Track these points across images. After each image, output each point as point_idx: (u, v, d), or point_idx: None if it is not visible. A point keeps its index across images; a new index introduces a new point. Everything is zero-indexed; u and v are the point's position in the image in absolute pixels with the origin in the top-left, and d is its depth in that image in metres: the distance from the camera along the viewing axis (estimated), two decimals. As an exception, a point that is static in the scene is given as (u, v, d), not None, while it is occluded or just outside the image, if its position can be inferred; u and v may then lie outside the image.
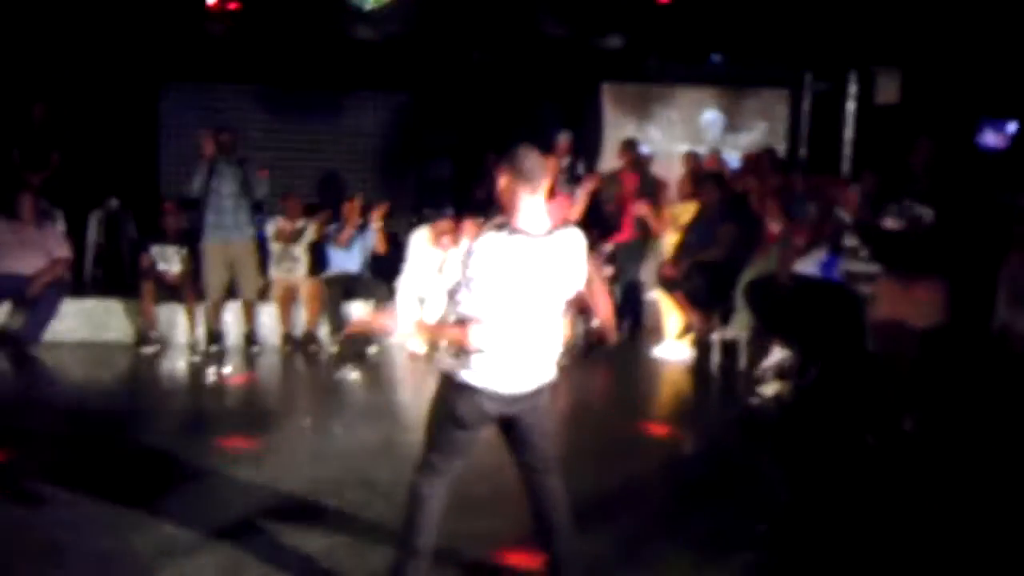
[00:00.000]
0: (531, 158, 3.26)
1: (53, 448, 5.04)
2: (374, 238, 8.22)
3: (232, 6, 8.73)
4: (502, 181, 3.26)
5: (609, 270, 8.59)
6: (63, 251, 7.66)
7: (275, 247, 8.11)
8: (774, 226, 7.13)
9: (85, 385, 6.81)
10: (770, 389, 6.62)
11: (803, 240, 6.72)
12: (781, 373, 6.79)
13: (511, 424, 3.39)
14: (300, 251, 8.15)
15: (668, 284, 7.85)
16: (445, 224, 7.99)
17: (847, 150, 9.56)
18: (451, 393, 3.29)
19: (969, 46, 8.11)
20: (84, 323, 7.82)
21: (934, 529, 4.35)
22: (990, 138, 8.90)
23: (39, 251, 7.47)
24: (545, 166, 3.36)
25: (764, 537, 4.16)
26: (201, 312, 7.75)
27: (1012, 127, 8.82)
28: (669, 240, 8.11)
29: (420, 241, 8.06)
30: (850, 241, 6.04)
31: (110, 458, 4.90)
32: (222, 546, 3.81)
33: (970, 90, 8.49)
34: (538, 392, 3.37)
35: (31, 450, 4.96)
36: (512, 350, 3.24)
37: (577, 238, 3.41)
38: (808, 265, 6.64)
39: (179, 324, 7.82)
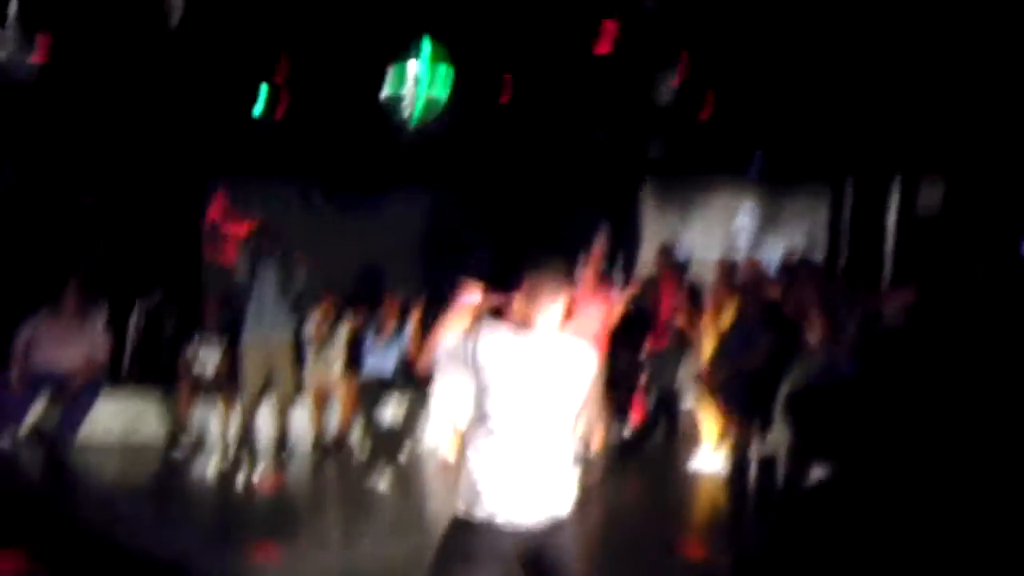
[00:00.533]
0: (549, 269, 3.28)
1: (78, 556, 5.00)
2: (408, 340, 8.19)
3: (278, 115, 8.93)
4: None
5: (644, 378, 8.51)
6: (101, 352, 7.63)
7: (311, 348, 8.13)
8: (813, 336, 7.02)
9: (114, 487, 6.81)
10: (806, 503, 6.44)
11: (840, 349, 6.61)
12: (819, 486, 6.60)
13: (533, 562, 3.21)
14: (337, 351, 8.14)
15: (706, 392, 7.73)
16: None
17: (888, 260, 9.45)
18: (457, 531, 3.16)
19: (1016, 152, 8.05)
20: (119, 416, 7.84)
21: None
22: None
23: (80, 348, 7.49)
24: (559, 287, 3.30)
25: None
26: (235, 411, 7.73)
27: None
28: (708, 346, 8.01)
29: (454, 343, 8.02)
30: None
31: (135, 566, 4.84)
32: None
33: (1016, 197, 8.40)
34: (557, 527, 3.19)
35: (55, 556, 4.92)
36: (517, 468, 3.12)
37: (588, 350, 3.34)
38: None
39: (212, 425, 7.82)
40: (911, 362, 5.59)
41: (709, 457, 7.73)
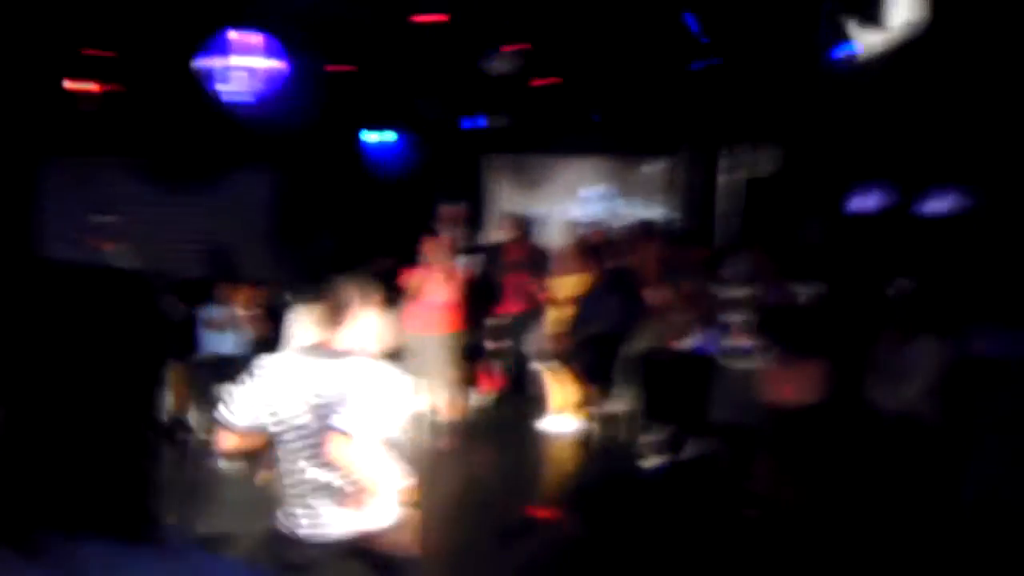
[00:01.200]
0: (341, 290, 3.17)
1: None
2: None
3: (95, 89, 8.49)
4: None
5: (494, 344, 8.53)
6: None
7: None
8: (653, 298, 7.18)
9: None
10: (650, 463, 6.60)
11: (680, 314, 6.77)
12: (660, 448, 6.77)
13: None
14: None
15: (552, 357, 7.81)
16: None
17: (719, 223, 9.76)
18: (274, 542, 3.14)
19: (836, 117, 8.39)
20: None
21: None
22: (864, 202, 9.14)
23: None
24: (347, 303, 3.17)
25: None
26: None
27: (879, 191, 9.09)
28: (552, 313, 8.09)
29: (301, 319, 7.84)
30: (726, 317, 6.10)
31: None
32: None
33: (842, 156, 8.76)
34: (338, 547, 3.07)
35: None
36: (305, 487, 3.05)
37: (383, 373, 3.15)
38: (690, 340, 6.68)
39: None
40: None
41: (558, 420, 7.83)
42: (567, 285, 8.02)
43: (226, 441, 3.10)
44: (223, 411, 3.06)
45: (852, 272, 6.12)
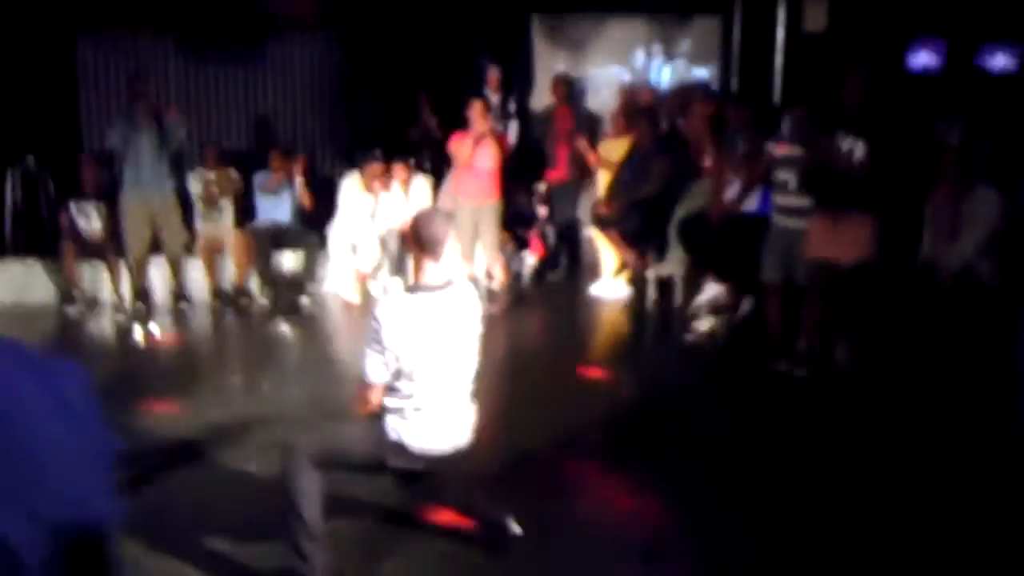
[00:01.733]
0: (432, 225, 3.30)
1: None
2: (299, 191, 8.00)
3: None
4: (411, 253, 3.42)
5: (544, 210, 8.53)
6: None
7: (199, 203, 7.86)
8: (707, 160, 7.08)
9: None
10: (704, 325, 6.63)
11: (734, 174, 6.67)
12: (715, 309, 6.79)
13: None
14: (225, 202, 7.91)
15: (602, 222, 7.79)
16: (375, 168, 7.82)
17: (777, 80, 9.47)
18: (382, 438, 3.27)
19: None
20: (6, 286, 7.59)
21: (867, 458, 4.39)
22: (922, 59, 8.84)
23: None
24: (447, 230, 3.35)
25: (701, 476, 4.17)
26: (124, 270, 7.55)
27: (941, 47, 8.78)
28: (604, 177, 8.03)
29: (351, 187, 7.90)
30: (780, 175, 5.99)
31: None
32: (139, 511, 3.70)
33: (899, 12, 8.43)
34: (456, 456, 3.40)
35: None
36: (430, 409, 3.27)
37: (472, 292, 3.48)
38: (742, 200, 6.61)
39: (103, 283, 7.62)
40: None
41: (609, 285, 7.87)
42: (617, 148, 7.93)
43: (373, 397, 3.29)
44: (365, 372, 3.24)
45: (906, 126, 5.94)
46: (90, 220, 7.55)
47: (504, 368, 5.92)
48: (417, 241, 3.30)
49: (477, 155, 7.48)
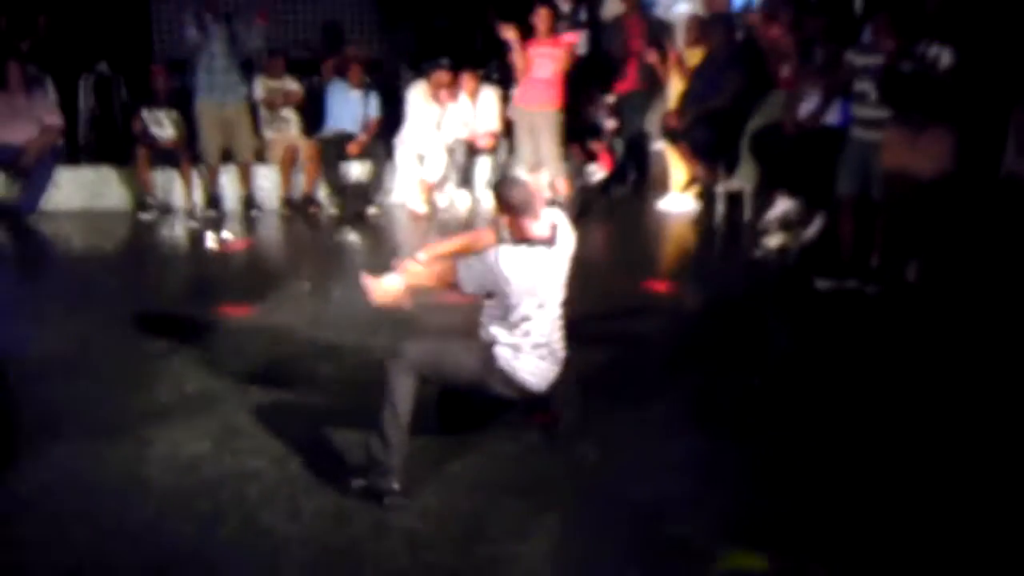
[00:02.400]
0: (517, 190, 3.38)
1: (54, 317, 5.02)
2: (376, 104, 7.95)
3: None
4: (503, 218, 3.40)
5: (612, 122, 8.39)
6: (54, 119, 7.49)
7: (264, 111, 7.88)
8: (784, 71, 6.87)
9: (85, 254, 6.79)
10: (774, 241, 6.51)
11: (812, 85, 6.47)
12: (785, 224, 6.66)
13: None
14: (289, 111, 7.92)
15: (673, 135, 7.65)
16: (442, 77, 7.75)
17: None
18: (491, 366, 3.35)
19: None
20: (80, 191, 7.75)
21: (934, 376, 4.32)
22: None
23: (30, 120, 7.31)
24: (534, 191, 3.44)
25: (759, 390, 4.14)
26: (197, 177, 7.65)
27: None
28: (675, 89, 7.85)
29: (418, 97, 7.85)
30: (860, 86, 5.79)
31: (109, 326, 4.87)
32: (218, 412, 3.82)
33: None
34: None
35: (31, 320, 4.94)
36: (545, 345, 3.40)
37: (571, 235, 3.64)
38: (819, 111, 6.41)
39: (176, 190, 7.74)
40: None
41: (678, 199, 7.76)
42: (689, 59, 7.73)
43: (451, 295, 3.45)
44: (459, 278, 3.33)
45: (994, 32, 5.66)
46: (163, 127, 7.64)
47: (568, 281, 5.90)
48: (510, 209, 3.36)
49: (538, 64, 7.37)
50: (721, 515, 3.09)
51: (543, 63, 7.36)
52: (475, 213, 7.84)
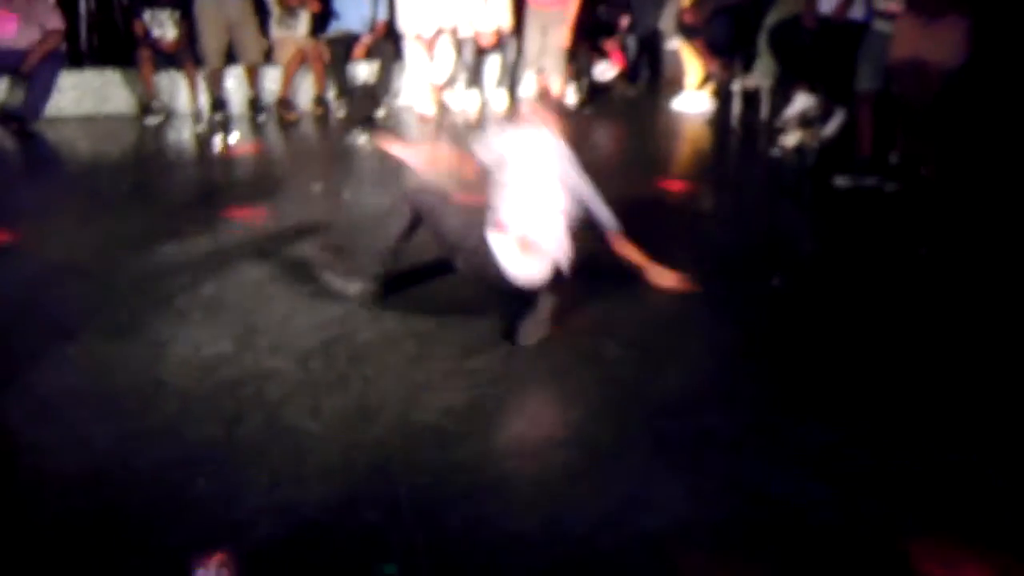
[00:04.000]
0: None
1: (60, 225, 4.97)
2: (384, 4, 7.70)
3: None
4: None
5: (625, 19, 8.17)
6: (56, 22, 7.28)
7: (276, 8, 7.66)
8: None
9: (91, 160, 6.70)
10: (792, 139, 6.40)
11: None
12: (804, 121, 6.54)
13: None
14: (299, 12, 7.70)
15: (688, 31, 7.46)
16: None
17: None
18: (475, 230, 3.56)
19: None
20: (84, 96, 7.62)
21: (951, 275, 4.27)
22: None
23: (31, 23, 7.12)
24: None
25: (779, 290, 4.10)
26: (202, 79, 7.50)
27: None
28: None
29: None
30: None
31: (120, 231, 4.82)
32: (235, 313, 3.79)
33: None
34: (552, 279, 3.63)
35: (38, 228, 4.90)
36: (518, 228, 3.52)
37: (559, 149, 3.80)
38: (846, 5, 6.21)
39: (181, 93, 7.60)
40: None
41: (694, 98, 7.61)
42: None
43: (467, 164, 3.77)
44: (473, 145, 3.75)
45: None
46: (164, 28, 7.43)
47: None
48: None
49: None
50: (746, 408, 3.08)
51: None
52: (485, 114, 7.71)
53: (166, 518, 2.50)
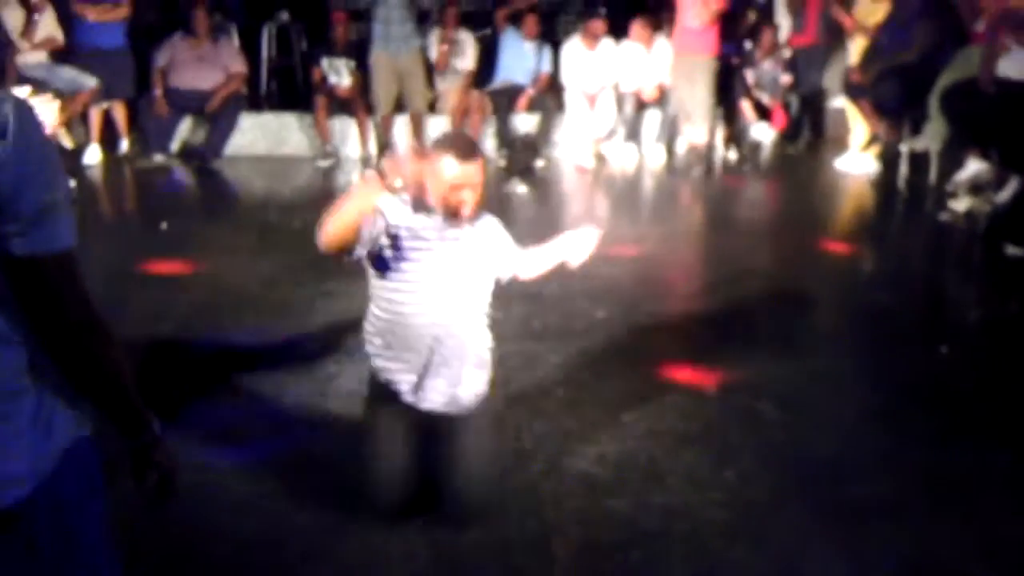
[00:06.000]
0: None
1: (234, 258, 5.25)
2: (548, 57, 7.91)
3: None
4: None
5: (788, 77, 8.07)
6: (239, 66, 7.80)
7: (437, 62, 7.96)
8: (979, 24, 6.45)
9: (264, 197, 7.06)
10: (962, 204, 6.16)
11: (1013, 38, 6.05)
12: (976, 187, 6.29)
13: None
14: (463, 62, 7.96)
15: (855, 91, 7.32)
16: (597, 27, 7.68)
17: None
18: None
19: None
20: (262, 137, 8.06)
21: None
22: None
23: (216, 66, 7.64)
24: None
25: (945, 359, 3.94)
26: (372, 126, 7.83)
27: None
28: (858, 42, 7.49)
29: (574, 49, 7.78)
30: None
31: (291, 265, 5.03)
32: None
33: None
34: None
35: (214, 260, 5.18)
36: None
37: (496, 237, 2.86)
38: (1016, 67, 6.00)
39: (351, 137, 7.94)
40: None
41: (857, 158, 7.44)
42: (875, 11, 7.34)
43: None
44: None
45: None
46: (341, 75, 7.82)
47: (741, 239, 5.78)
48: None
49: (686, 11, 7.15)
50: (905, 477, 2.97)
51: (694, 9, 7.12)
52: (642, 168, 7.74)
53: (320, 545, 2.60)
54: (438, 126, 7.91)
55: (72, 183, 4.98)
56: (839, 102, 7.82)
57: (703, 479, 2.96)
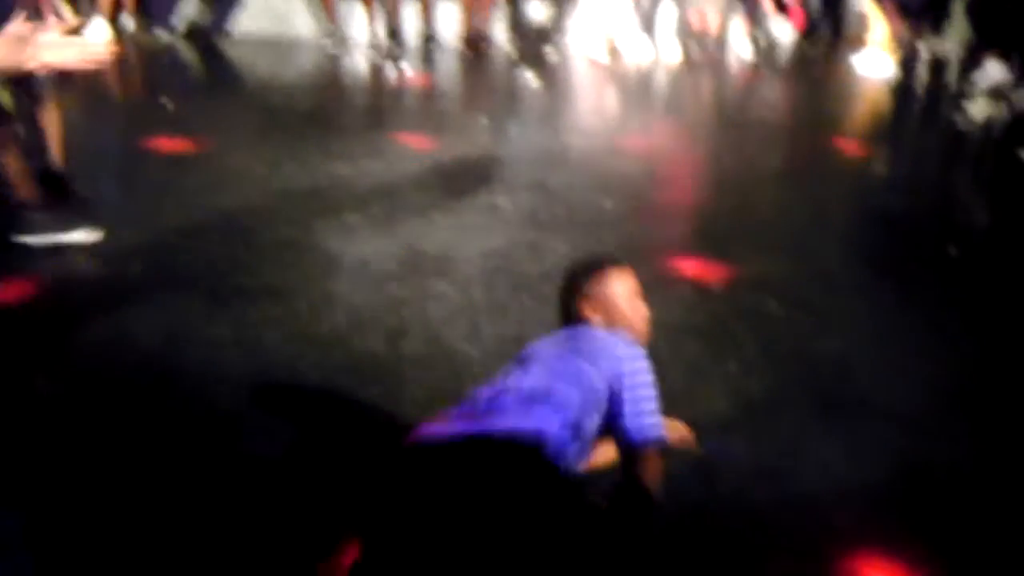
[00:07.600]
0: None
1: (237, 138, 5.18)
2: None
3: None
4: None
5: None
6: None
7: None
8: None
9: (269, 79, 6.92)
10: (980, 109, 6.05)
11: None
12: (994, 93, 6.17)
13: None
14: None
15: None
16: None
17: None
18: None
19: None
20: (269, 17, 7.86)
21: None
22: None
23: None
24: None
25: (954, 261, 3.92)
26: (379, 9, 7.63)
27: None
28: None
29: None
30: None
31: (295, 149, 4.98)
32: (401, 234, 3.88)
33: None
34: None
35: (217, 139, 5.11)
36: None
37: None
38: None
39: (359, 20, 7.76)
40: None
41: (875, 58, 7.27)
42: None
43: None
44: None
45: None
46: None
47: (753, 136, 5.70)
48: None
49: None
50: (908, 379, 2.98)
51: None
52: (656, 63, 7.58)
53: (330, 422, 2.62)
54: (448, 11, 7.73)
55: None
56: (861, 2, 7.61)
57: (705, 370, 2.97)
